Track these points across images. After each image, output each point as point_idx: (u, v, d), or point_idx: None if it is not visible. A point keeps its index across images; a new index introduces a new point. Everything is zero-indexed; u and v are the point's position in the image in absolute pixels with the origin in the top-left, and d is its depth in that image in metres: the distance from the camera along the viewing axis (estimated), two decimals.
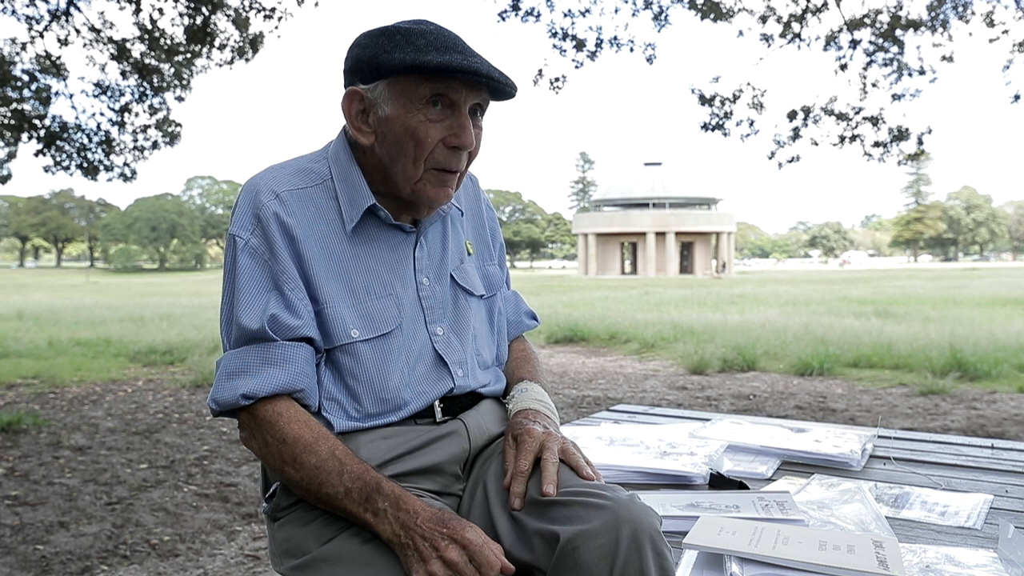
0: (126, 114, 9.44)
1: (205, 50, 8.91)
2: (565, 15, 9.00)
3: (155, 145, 9.72)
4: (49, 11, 8.66)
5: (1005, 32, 8.72)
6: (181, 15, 8.68)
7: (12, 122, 8.96)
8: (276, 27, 8.86)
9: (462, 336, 1.33)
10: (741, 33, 9.56)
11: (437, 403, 1.28)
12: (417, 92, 1.17)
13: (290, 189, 1.22)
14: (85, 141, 9.36)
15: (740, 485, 1.67)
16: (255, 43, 8.92)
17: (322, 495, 1.14)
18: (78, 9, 8.77)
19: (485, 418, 1.34)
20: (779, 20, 9.35)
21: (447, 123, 1.19)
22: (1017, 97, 8.75)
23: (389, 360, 1.23)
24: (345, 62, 1.24)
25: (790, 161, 9.68)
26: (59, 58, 8.90)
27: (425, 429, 1.26)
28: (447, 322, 1.31)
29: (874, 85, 9.29)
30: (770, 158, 9.71)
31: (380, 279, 1.25)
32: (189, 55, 9.02)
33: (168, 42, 8.89)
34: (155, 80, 9.29)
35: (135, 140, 9.62)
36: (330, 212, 1.23)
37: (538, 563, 1.11)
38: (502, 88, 1.19)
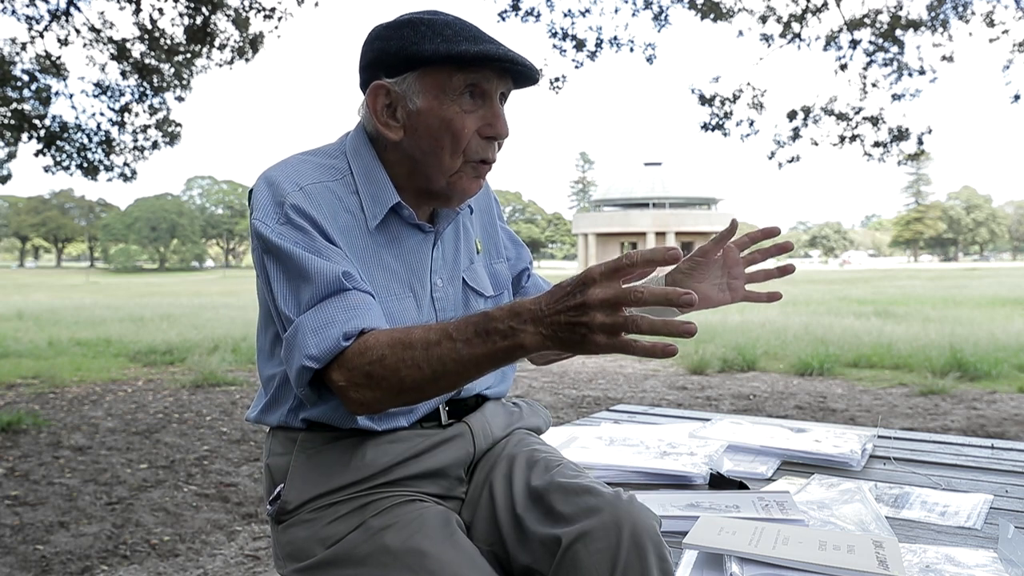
0: (126, 114, 9.44)
1: (205, 50, 8.91)
2: (565, 15, 9.01)
3: (155, 145, 9.71)
4: (49, 11, 8.66)
5: (1005, 32, 8.73)
6: (181, 15, 8.68)
7: (12, 122, 8.96)
8: (276, 27, 8.86)
9: None
10: (741, 33, 9.57)
11: (442, 406, 1.28)
12: (451, 83, 1.15)
13: (313, 183, 1.18)
14: (85, 141, 9.36)
15: (740, 485, 1.67)
16: (255, 43, 8.92)
17: (448, 367, 1.02)
18: (78, 9, 8.78)
19: (490, 421, 1.34)
20: (779, 20, 9.35)
21: (480, 113, 1.17)
22: (1017, 97, 8.75)
23: None
24: (363, 56, 1.21)
25: (790, 161, 9.68)
26: (59, 58, 8.90)
27: (430, 432, 1.26)
28: None
29: (874, 85, 9.30)
30: (770, 158, 9.72)
31: (400, 279, 1.23)
32: (189, 55, 9.02)
33: (168, 42, 8.89)
34: (155, 80, 9.29)
35: (135, 140, 9.62)
36: (352, 208, 1.20)
37: (540, 567, 1.11)
38: (528, 75, 1.19)
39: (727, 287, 1.43)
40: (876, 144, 9.41)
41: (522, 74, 1.19)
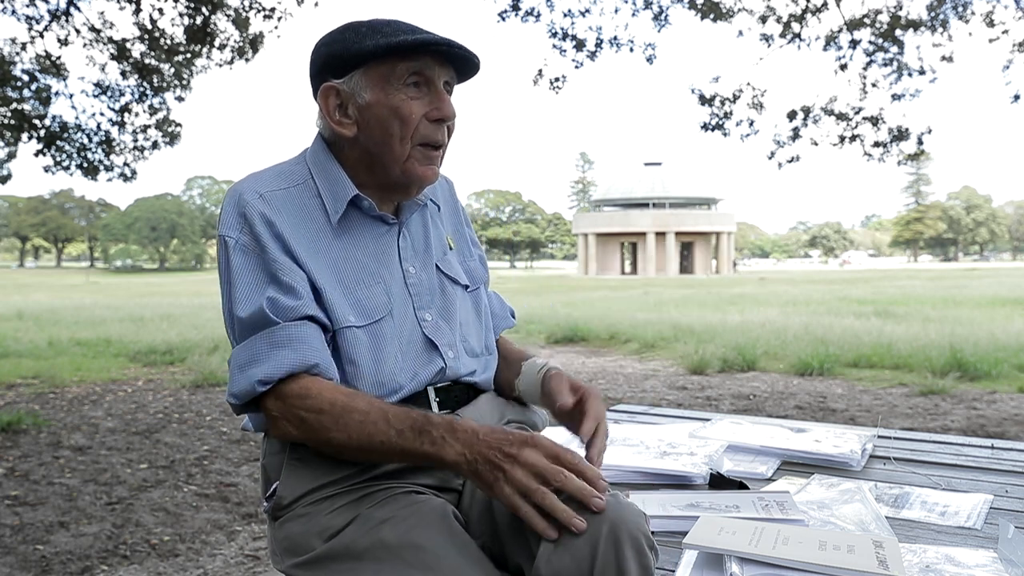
0: (126, 114, 9.44)
1: (205, 50, 8.91)
2: (565, 15, 8.99)
3: (155, 145, 9.71)
4: (49, 11, 8.66)
5: (1005, 32, 8.72)
6: (181, 15, 8.68)
7: (12, 122, 8.96)
8: (276, 27, 8.85)
9: (450, 321, 1.35)
10: (741, 33, 9.56)
11: (434, 396, 1.29)
12: (395, 73, 1.22)
13: (273, 190, 1.25)
14: (85, 141, 9.36)
15: (740, 485, 1.67)
16: (255, 43, 8.92)
17: (375, 445, 1.13)
18: (78, 9, 8.78)
19: (483, 412, 1.35)
20: (779, 20, 9.34)
21: (426, 99, 1.24)
22: (1017, 97, 8.74)
23: (383, 345, 1.25)
24: (312, 65, 1.28)
25: (790, 161, 9.67)
26: (59, 58, 8.89)
27: None
28: (435, 308, 1.34)
29: (874, 85, 9.29)
30: (770, 158, 9.71)
31: (367, 268, 1.27)
32: (189, 55, 9.01)
33: (168, 42, 8.89)
34: (155, 80, 9.28)
35: (135, 140, 9.62)
36: (314, 210, 1.26)
37: (526, 564, 1.12)
38: (468, 62, 1.26)
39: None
40: (876, 144, 9.40)
41: (463, 61, 1.25)
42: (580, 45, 8.99)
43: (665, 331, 11.26)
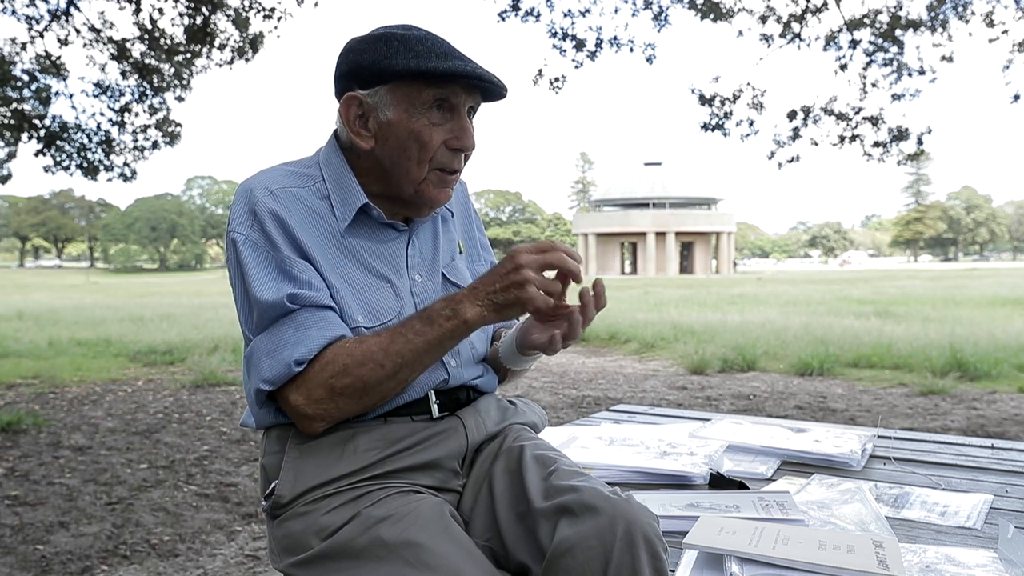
0: (126, 114, 9.44)
1: (205, 50, 8.91)
2: (565, 15, 9.00)
3: (155, 145, 9.71)
4: (49, 11, 8.66)
5: (1005, 32, 8.72)
6: (181, 15, 8.68)
7: (12, 122, 8.96)
8: (276, 27, 8.86)
9: None
10: (741, 33, 9.56)
11: (434, 399, 1.29)
12: (420, 97, 1.20)
13: (284, 187, 1.24)
14: (85, 141, 9.36)
15: (740, 485, 1.68)
16: (255, 43, 8.92)
17: (407, 359, 1.16)
18: (78, 9, 8.78)
19: (483, 415, 1.35)
20: (779, 20, 9.34)
21: (448, 126, 1.23)
22: (1017, 97, 8.75)
23: None
24: (338, 67, 1.26)
25: (790, 161, 9.67)
26: (59, 58, 8.89)
27: (423, 426, 1.27)
28: None
29: (874, 85, 9.29)
30: (770, 158, 9.71)
31: (376, 272, 1.27)
32: (189, 55, 9.02)
33: (168, 42, 8.89)
34: (155, 80, 9.29)
35: (135, 140, 9.62)
36: (323, 212, 1.25)
37: (534, 563, 1.12)
38: (496, 90, 1.25)
39: (553, 337, 1.27)
40: (876, 144, 9.41)
41: (490, 89, 1.24)
42: (580, 45, 9.00)
43: (665, 331, 11.26)
